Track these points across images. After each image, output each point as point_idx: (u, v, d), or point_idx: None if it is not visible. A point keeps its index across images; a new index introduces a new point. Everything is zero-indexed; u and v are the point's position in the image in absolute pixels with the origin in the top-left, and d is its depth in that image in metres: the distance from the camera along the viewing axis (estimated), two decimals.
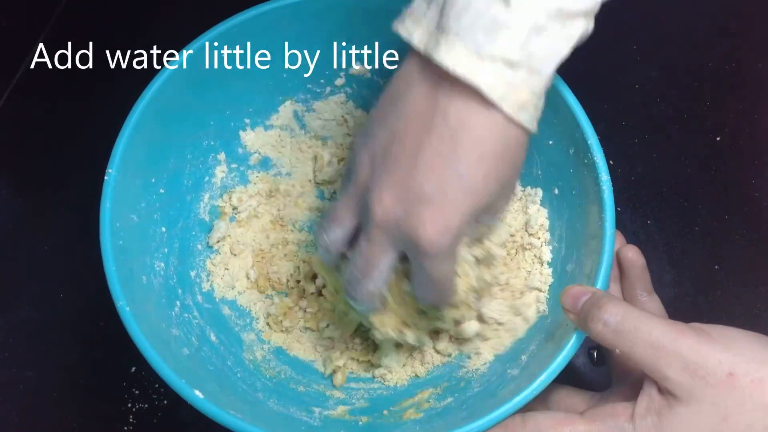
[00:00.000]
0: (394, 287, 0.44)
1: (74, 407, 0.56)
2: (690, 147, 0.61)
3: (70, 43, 0.67)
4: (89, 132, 0.63)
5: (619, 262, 0.48)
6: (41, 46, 0.67)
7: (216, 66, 0.50)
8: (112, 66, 0.65)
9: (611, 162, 0.61)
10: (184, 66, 0.49)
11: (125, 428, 0.55)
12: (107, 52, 0.66)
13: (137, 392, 0.55)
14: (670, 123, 0.62)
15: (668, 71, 0.64)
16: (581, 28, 0.37)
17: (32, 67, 0.66)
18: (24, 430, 0.55)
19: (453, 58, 0.35)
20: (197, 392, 0.42)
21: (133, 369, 0.55)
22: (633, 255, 0.48)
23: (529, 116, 0.37)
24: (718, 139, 0.62)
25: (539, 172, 0.52)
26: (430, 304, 0.45)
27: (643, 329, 0.38)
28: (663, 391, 0.38)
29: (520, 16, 0.35)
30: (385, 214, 0.39)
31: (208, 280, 0.54)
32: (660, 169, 0.61)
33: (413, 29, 0.37)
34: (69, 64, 0.66)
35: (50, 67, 0.66)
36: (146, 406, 0.55)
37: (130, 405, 0.55)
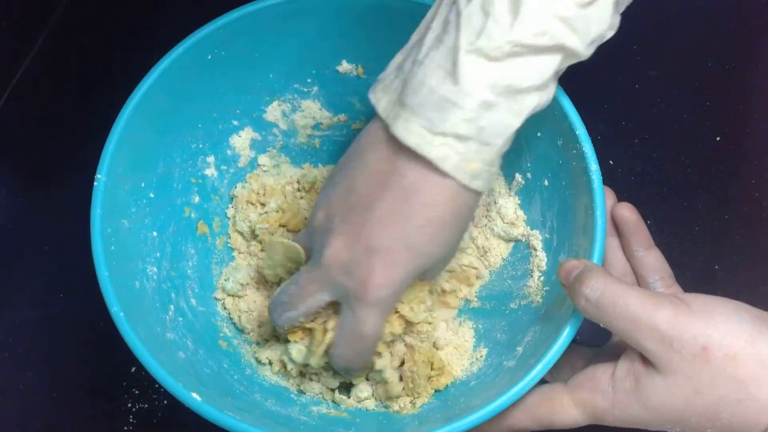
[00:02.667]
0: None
1: (74, 407, 0.56)
2: (690, 147, 0.61)
3: (69, 44, 0.67)
4: (89, 132, 0.63)
5: (613, 221, 0.49)
6: (41, 46, 0.67)
7: (202, 68, 0.50)
8: (112, 66, 0.65)
9: (611, 162, 0.61)
10: (170, 70, 0.49)
11: (125, 428, 0.55)
12: (107, 52, 0.67)
13: (137, 392, 0.55)
14: (670, 123, 0.62)
15: (668, 71, 0.64)
16: (534, 101, 0.38)
17: (32, 67, 0.66)
18: (24, 430, 0.55)
19: (407, 132, 0.37)
20: (195, 395, 0.42)
21: (133, 369, 0.55)
22: (625, 211, 0.49)
23: (482, 182, 0.39)
24: (718, 139, 0.62)
25: (528, 164, 0.52)
26: (341, 368, 0.46)
27: (620, 303, 0.38)
28: (644, 359, 0.39)
29: (468, 93, 0.36)
30: (333, 257, 0.41)
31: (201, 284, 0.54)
32: (660, 169, 0.61)
33: (381, 97, 0.39)
34: (69, 64, 0.67)
35: (50, 67, 0.66)
36: (146, 406, 0.55)
37: (130, 405, 0.55)
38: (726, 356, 0.36)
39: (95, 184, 0.46)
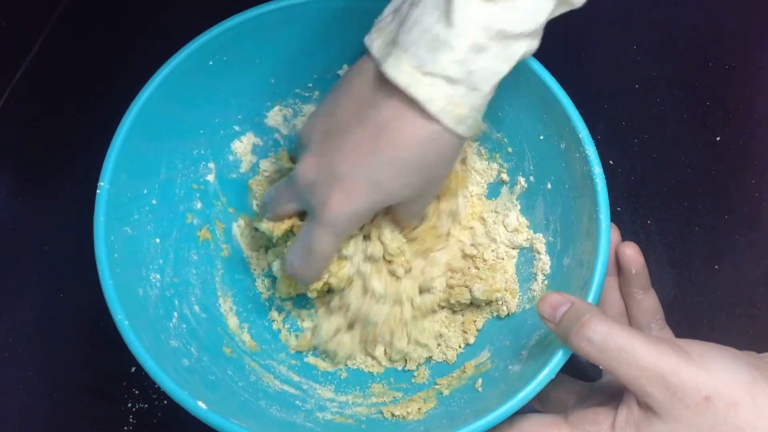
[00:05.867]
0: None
1: (74, 407, 0.56)
2: (690, 147, 0.61)
3: (69, 44, 0.67)
4: (89, 132, 0.63)
5: (617, 259, 0.49)
6: (41, 47, 0.67)
7: (204, 74, 0.50)
8: (112, 66, 0.65)
9: (611, 162, 0.61)
10: (171, 76, 0.49)
11: (125, 428, 0.55)
12: (107, 52, 0.67)
13: (137, 392, 0.55)
14: (670, 123, 0.62)
15: (668, 71, 0.64)
16: (523, 48, 0.39)
17: (32, 67, 0.66)
18: (24, 430, 0.55)
19: (397, 71, 0.38)
20: (201, 403, 0.42)
21: (133, 369, 0.55)
22: (631, 252, 0.48)
23: (467, 128, 0.39)
24: (718, 139, 0.62)
25: (531, 167, 0.52)
26: (291, 273, 0.48)
27: (626, 349, 0.38)
28: (642, 405, 0.39)
29: (460, 35, 0.37)
30: (302, 173, 0.43)
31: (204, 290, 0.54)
32: (660, 169, 0.61)
33: (375, 38, 0.40)
34: (69, 65, 0.67)
35: (50, 67, 0.66)
36: (146, 406, 0.55)
37: (130, 405, 0.55)
38: (727, 405, 0.37)
39: (98, 191, 0.46)
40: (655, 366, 0.38)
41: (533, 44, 0.39)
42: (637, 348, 0.38)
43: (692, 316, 0.56)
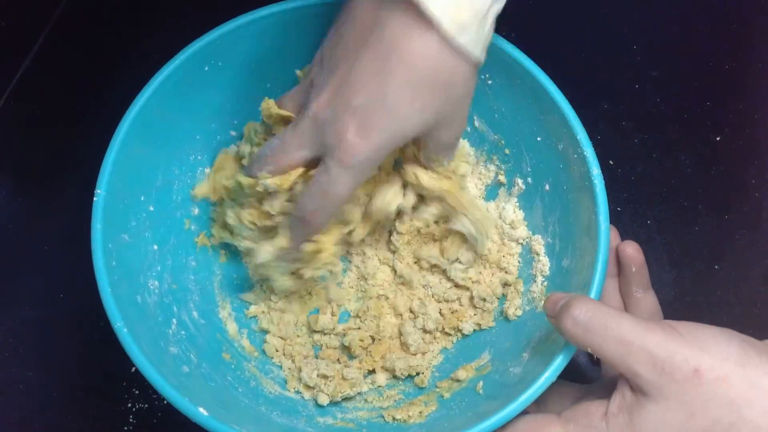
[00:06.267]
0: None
1: (74, 407, 0.56)
2: (690, 147, 0.61)
3: (69, 44, 0.67)
4: (89, 132, 0.63)
5: (617, 258, 0.49)
6: (41, 46, 0.67)
7: (199, 79, 0.50)
8: (112, 66, 0.65)
9: (611, 162, 0.61)
10: (167, 81, 0.48)
11: (125, 428, 0.55)
12: (107, 51, 0.67)
13: (137, 392, 0.55)
14: (670, 123, 0.62)
15: (668, 71, 0.64)
16: None
17: (32, 67, 0.66)
18: (24, 430, 0.55)
19: None
20: (202, 410, 0.42)
21: (133, 369, 0.54)
22: (632, 251, 0.48)
23: (469, 38, 0.37)
24: (718, 139, 0.62)
25: (528, 169, 0.52)
26: (298, 219, 0.45)
27: (611, 326, 0.38)
28: (634, 388, 0.38)
29: None
30: (316, 112, 0.41)
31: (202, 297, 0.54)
32: (660, 169, 0.61)
33: None
34: (69, 65, 0.67)
35: (50, 67, 0.66)
36: (146, 406, 0.55)
37: (130, 405, 0.55)
38: (717, 378, 0.36)
39: (95, 199, 0.46)
40: (641, 341, 0.37)
41: None
42: (623, 325, 0.38)
43: (692, 316, 0.56)
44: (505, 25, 0.44)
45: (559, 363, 0.42)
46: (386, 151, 0.41)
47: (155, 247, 0.51)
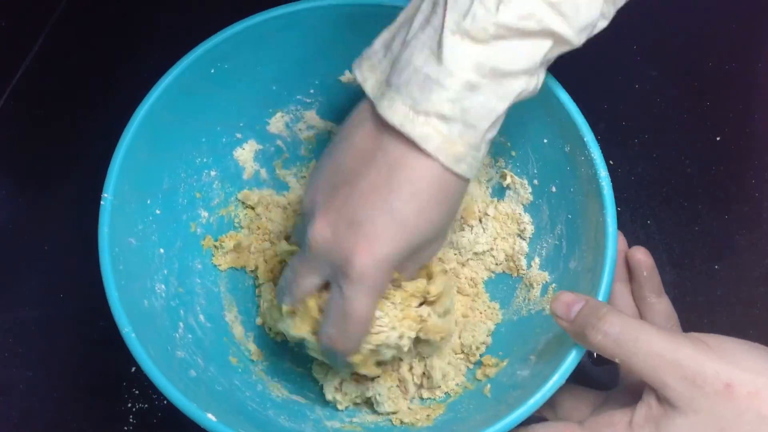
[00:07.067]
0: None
1: (74, 407, 0.56)
2: (690, 147, 0.61)
3: (69, 44, 0.67)
4: (89, 132, 0.63)
5: (627, 264, 0.48)
6: (41, 47, 0.67)
7: (205, 82, 0.50)
8: (112, 66, 0.65)
9: (611, 162, 0.61)
10: (173, 85, 0.48)
11: (125, 428, 0.55)
12: (107, 52, 0.67)
13: (137, 392, 0.55)
14: (670, 123, 0.62)
15: (668, 71, 0.64)
16: (520, 86, 0.37)
17: (32, 67, 0.66)
18: (24, 430, 0.55)
19: (391, 111, 0.37)
20: (210, 415, 0.41)
21: (133, 369, 0.55)
22: (642, 256, 0.48)
23: (467, 167, 0.38)
24: (718, 139, 0.62)
25: (535, 170, 0.52)
26: (327, 350, 0.43)
27: (642, 339, 0.38)
28: (662, 400, 0.38)
29: (452, 73, 0.36)
30: (316, 235, 0.40)
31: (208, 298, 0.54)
32: (660, 169, 0.61)
33: (368, 76, 0.39)
34: (69, 65, 0.67)
35: (50, 67, 0.66)
36: (146, 406, 0.55)
37: (130, 405, 0.55)
38: (749, 393, 0.36)
39: (102, 203, 0.46)
40: (672, 354, 0.37)
41: (531, 82, 0.38)
42: (654, 338, 0.38)
43: (692, 316, 0.56)
44: None
45: (568, 366, 0.41)
46: (396, 263, 0.39)
47: (161, 250, 0.50)
